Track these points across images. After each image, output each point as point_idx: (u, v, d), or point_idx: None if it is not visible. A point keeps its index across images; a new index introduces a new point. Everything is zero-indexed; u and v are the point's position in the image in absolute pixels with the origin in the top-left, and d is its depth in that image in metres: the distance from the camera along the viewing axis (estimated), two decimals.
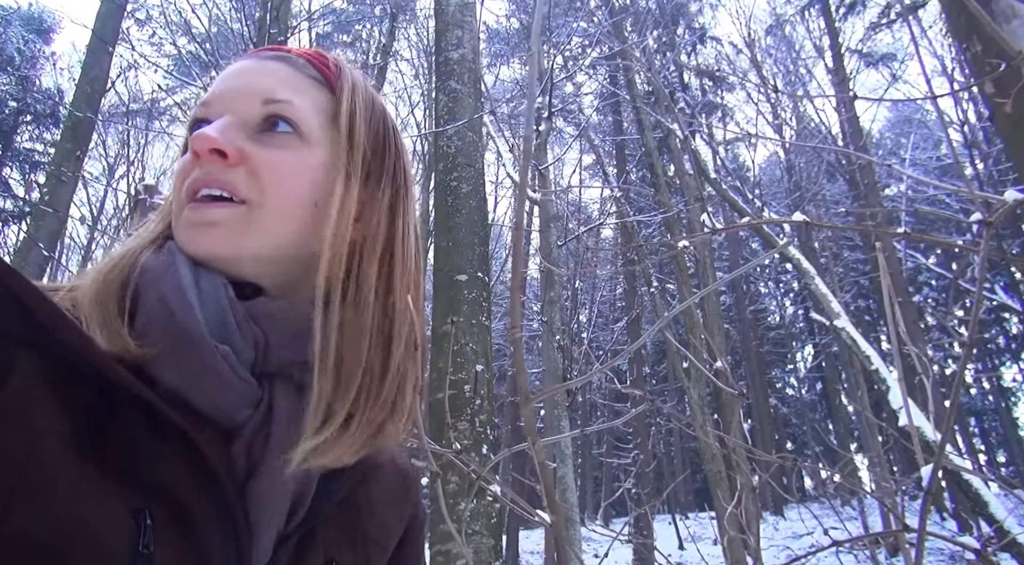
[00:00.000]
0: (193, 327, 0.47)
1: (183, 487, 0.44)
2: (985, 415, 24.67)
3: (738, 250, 18.43)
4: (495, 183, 16.54)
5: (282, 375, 0.52)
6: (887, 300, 1.02)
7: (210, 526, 0.44)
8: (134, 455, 0.42)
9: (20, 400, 0.38)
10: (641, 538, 7.08)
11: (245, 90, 0.56)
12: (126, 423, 0.43)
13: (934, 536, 1.00)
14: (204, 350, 0.47)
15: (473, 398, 3.78)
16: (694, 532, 15.10)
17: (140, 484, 0.42)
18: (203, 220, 0.51)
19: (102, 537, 0.38)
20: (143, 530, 0.40)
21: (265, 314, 0.52)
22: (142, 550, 0.39)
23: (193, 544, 0.43)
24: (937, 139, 17.08)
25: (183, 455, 0.44)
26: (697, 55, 14.33)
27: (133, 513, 0.40)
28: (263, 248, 0.53)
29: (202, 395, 0.47)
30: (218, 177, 0.52)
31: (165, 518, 0.42)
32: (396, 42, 13.81)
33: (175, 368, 0.47)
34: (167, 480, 0.43)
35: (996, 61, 1.74)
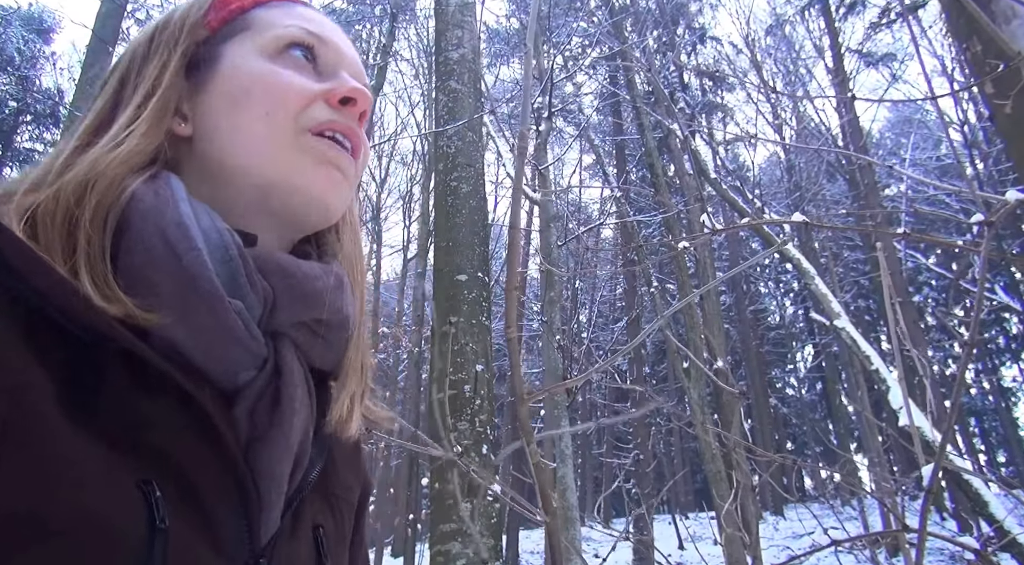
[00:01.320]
0: (204, 275, 0.42)
1: (187, 453, 0.39)
2: (985, 415, 24.67)
3: (738, 250, 18.43)
4: (495, 183, 16.57)
5: (287, 335, 0.49)
6: (887, 300, 1.02)
7: (218, 496, 0.40)
8: (129, 419, 0.37)
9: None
10: (641, 538, 7.08)
11: (355, 63, 0.57)
12: (117, 382, 0.37)
13: (934, 536, 1.00)
14: (216, 303, 0.42)
15: (473, 398, 3.78)
16: (694, 532, 15.10)
17: (139, 451, 0.36)
18: (337, 164, 0.51)
19: (111, 516, 0.33)
20: (155, 503, 0.35)
21: (276, 267, 0.48)
22: (159, 525, 0.34)
23: (202, 516, 0.38)
24: (937, 139, 17.08)
25: (184, 418, 0.39)
26: (697, 55, 14.33)
27: (139, 484, 0.35)
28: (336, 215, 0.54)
29: (206, 353, 0.42)
30: (356, 132, 0.53)
31: (171, 489, 0.37)
32: (396, 42, 13.81)
33: (178, 321, 0.41)
34: (168, 446, 0.38)
35: (996, 61, 1.74)
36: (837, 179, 15.42)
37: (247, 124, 0.50)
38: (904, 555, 1.02)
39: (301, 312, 0.49)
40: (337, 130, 0.52)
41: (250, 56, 0.52)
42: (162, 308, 0.40)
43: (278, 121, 0.50)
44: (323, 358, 0.52)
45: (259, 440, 0.44)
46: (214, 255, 0.44)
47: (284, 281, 0.48)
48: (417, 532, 15.05)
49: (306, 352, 0.50)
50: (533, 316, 15.77)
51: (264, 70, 0.51)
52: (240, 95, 0.50)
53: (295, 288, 0.48)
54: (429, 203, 14.24)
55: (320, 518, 0.51)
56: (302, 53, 0.53)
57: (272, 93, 0.50)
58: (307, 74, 0.53)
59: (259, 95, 0.50)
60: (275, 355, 0.47)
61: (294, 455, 0.46)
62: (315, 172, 0.50)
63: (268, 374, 0.46)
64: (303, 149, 0.50)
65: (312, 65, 0.54)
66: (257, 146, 0.49)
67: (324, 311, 0.50)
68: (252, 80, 0.51)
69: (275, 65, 0.52)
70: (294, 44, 0.53)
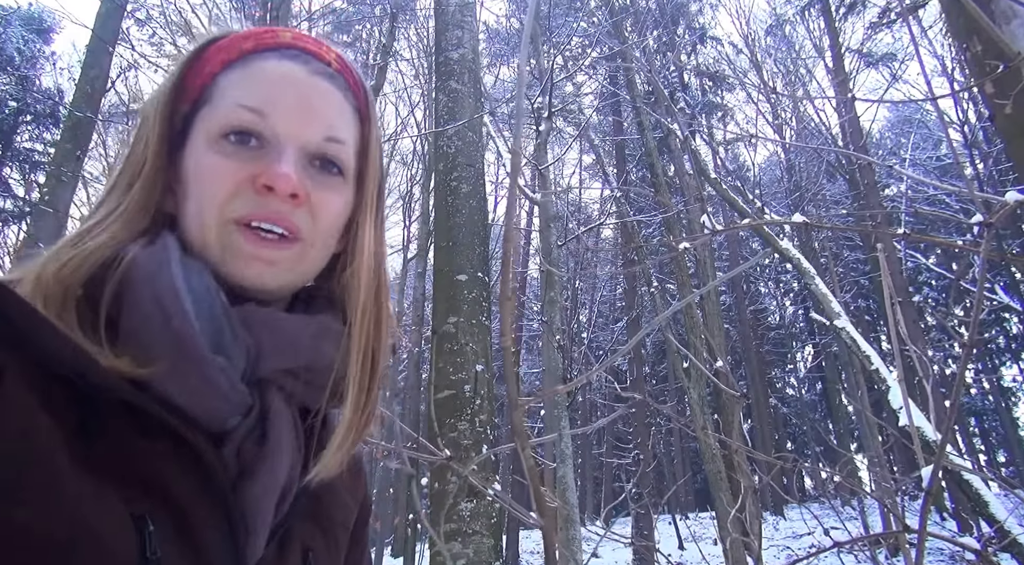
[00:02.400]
0: (190, 335, 0.46)
1: (180, 489, 0.43)
2: (985, 415, 24.67)
3: (738, 250, 18.43)
4: (495, 183, 16.58)
5: (272, 382, 0.53)
6: (887, 300, 1.02)
7: (208, 528, 0.44)
8: (127, 458, 0.42)
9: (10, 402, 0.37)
10: (641, 538, 7.07)
11: (308, 117, 0.55)
12: (116, 427, 0.42)
13: (934, 536, 1.00)
14: (202, 362, 0.47)
15: (473, 398, 3.78)
16: (694, 532, 15.10)
17: (136, 487, 0.41)
18: (265, 258, 0.52)
19: (108, 542, 0.37)
20: (147, 535, 0.39)
21: (259, 322, 0.52)
22: (149, 556, 0.39)
23: (193, 547, 0.43)
24: (937, 139, 17.08)
25: (178, 456, 0.44)
26: (697, 55, 14.33)
27: (134, 518, 0.39)
28: (300, 280, 0.57)
29: (194, 403, 0.47)
30: (286, 218, 0.53)
31: (165, 521, 0.41)
32: (396, 42, 13.81)
33: (168, 376, 0.46)
34: (163, 482, 0.43)
35: (996, 61, 1.74)
36: (837, 179, 15.42)
37: (189, 212, 0.53)
38: (904, 555, 1.02)
39: (283, 361, 0.53)
40: (261, 219, 0.52)
41: (199, 141, 0.54)
42: (155, 364, 0.45)
43: (207, 213, 0.52)
44: (309, 399, 0.56)
45: (248, 476, 0.49)
46: (201, 314, 0.48)
47: (268, 335, 0.52)
48: (417, 532, 15.05)
49: (293, 395, 0.54)
50: (533, 316, 15.77)
51: (200, 162, 0.53)
52: (186, 184, 0.54)
53: (277, 340, 0.52)
54: (429, 203, 14.23)
55: (310, 541, 0.56)
56: (235, 138, 0.53)
57: (201, 186, 0.53)
58: (245, 156, 0.53)
59: (195, 187, 0.53)
60: (261, 400, 0.52)
61: (280, 488, 0.51)
62: (240, 264, 0.52)
63: (254, 418, 0.51)
64: (224, 244, 0.52)
65: (254, 144, 0.54)
66: (196, 233, 0.52)
67: (304, 359, 0.54)
68: (192, 172, 0.53)
69: (212, 153, 0.53)
70: (228, 132, 0.53)
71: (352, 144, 0.59)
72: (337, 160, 0.57)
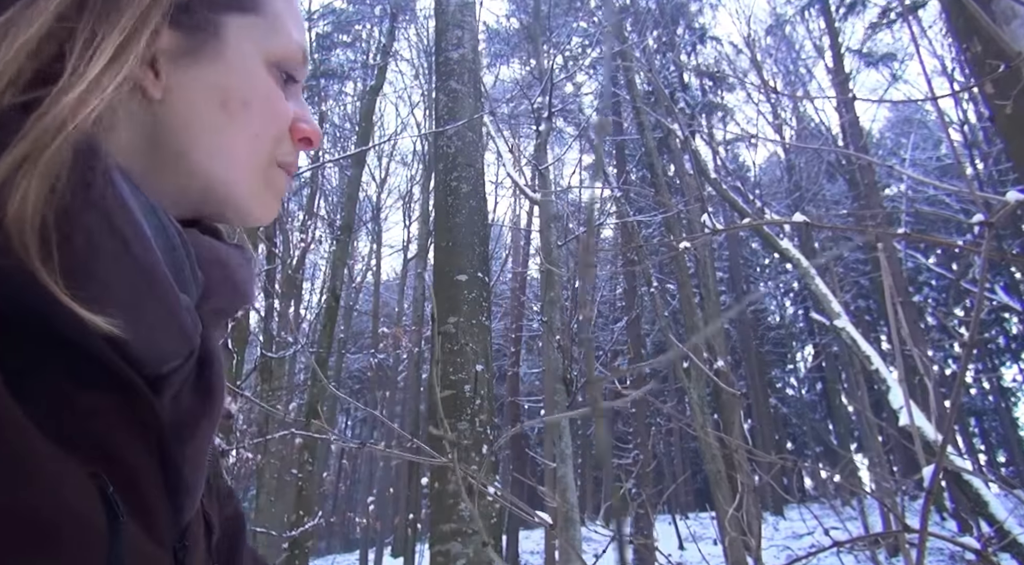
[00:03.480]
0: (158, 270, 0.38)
1: (126, 444, 0.36)
2: (985, 415, 24.68)
3: (738, 250, 18.43)
4: (495, 183, 16.58)
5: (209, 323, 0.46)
6: (888, 300, 1.02)
7: (151, 482, 0.38)
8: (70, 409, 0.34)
9: None
10: (642, 538, 7.07)
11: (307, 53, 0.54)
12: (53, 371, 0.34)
13: (935, 536, 1.00)
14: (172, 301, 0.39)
15: (473, 398, 3.78)
16: (694, 532, 15.10)
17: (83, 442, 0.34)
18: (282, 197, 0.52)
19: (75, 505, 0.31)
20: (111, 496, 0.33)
21: (213, 258, 0.46)
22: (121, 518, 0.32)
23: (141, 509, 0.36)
24: (937, 139, 17.09)
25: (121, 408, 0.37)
26: (697, 55, 14.34)
27: (92, 475, 0.33)
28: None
29: (147, 345, 0.38)
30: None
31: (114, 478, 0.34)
32: (396, 42, 13.81)
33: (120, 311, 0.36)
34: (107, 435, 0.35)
35: (996, 61, 1.74)
36: (837, 179, 15.43)
37: (231, 137, 0.46)
38: (904, 555, 1.02)
39: (229, 303, 0.48)
40: (290, 167, 0.51)
41: (256, 58, 0.48)
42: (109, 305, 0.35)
43: (262, 147, 0.48)
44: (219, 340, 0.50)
45: (184, 426, 0.43)
46: (160, 243, 0.40)
47: (220, 271, 0.46)
48: (417, 532, 15.05)
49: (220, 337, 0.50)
50: (533, 316, 15.76)
51: (267, 86, 0.48)
52: (236, 102, 0.46)
53: (228, 279, 0.47)
54: (429, 203, 14.24)
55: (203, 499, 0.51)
56: (285, 77, 0.50)
57: (267, 116, 0.48)
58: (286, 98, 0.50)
59: (256, 112, 0.47)
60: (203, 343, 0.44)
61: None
62: (269, 203, 0.50)
63: (193, 363, 0.44)
64: (269, 182, 0.50)
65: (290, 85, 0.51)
66: (232, 162, 0.47)
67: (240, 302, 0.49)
68: (253, 92, 0.47)
69: (270, 79, 0.49)
70: (283, 67, 0.50)
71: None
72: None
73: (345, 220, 9.97)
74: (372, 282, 18.60)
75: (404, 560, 14.87)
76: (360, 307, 19.14)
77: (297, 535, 7.28)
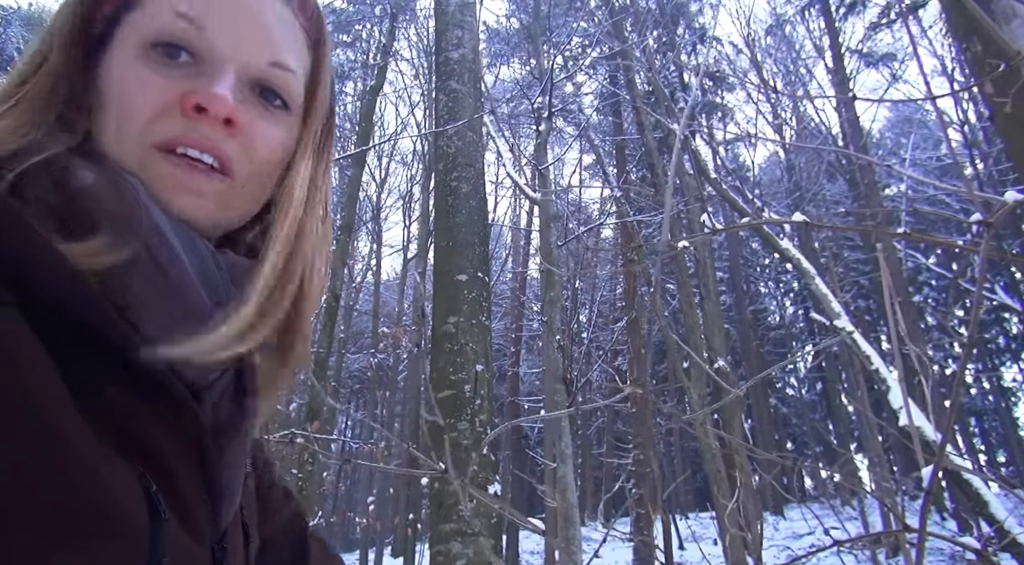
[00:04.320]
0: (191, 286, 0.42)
1: (169, 450, 0.39)
2: (985, 415, 24.68)
3: (738, 250, 18.43)
4: (495, 183, 16.58)
5: None
6: (887, 300, 1.02)
7: (193, 492, 0.40)
8: (118, 414, 0.37)
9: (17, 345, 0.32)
10: (641, 537, 7.08)
11: (253, 36, 0.48)
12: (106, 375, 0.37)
13: (935, 536, 1.00)
14: (204, 316, 0.42)
15: (473, 398, 3.78)
16: (694, 532, 15.10)
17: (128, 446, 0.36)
18: (190, 188, 0.45)
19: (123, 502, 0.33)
20: (154, 494, 0.36)
21: (241, 272, 0.47)
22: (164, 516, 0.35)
23: (181, 513, 0.39)
24: (937, 139, 17.10)
25: (166, 415, 0.39)
26: (697, 55, 14.33)
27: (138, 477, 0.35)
28: (234, 221, 0.50)
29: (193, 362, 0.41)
30: (217, 146, 0.46)
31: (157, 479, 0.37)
32: (396, 42, 13.81)
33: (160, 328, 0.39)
34: (153, 439, 0.38)
35: (996, 61, 1.74)
36: (837, 179, 15.43)
37: (108, 128, 0.45)
38: (904, 555, 1.02)
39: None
40: (188, 145, 0.45)
41: (124, 49, 0.46)
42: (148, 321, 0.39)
43: (127, 132, 0.45)
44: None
45: (223, 434, 0.45)
46: (191, 261, 0.43)
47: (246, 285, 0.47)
48: (417, 532, 15.05)
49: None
50: (533, 316, 15.76)
51: (123, 73, 0.45)
52: (105, 97, 0.46)
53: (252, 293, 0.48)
54: (429, 203, 14.23)
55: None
56: (165, 51, 0.46)
57: (122, 100, 0.45)
58: (176, 73, 0.46)
59: (114, 101, 0.45)
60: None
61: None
62: (168, 193, 0.45)
63: (231, 374, 0.47)
64: (147, 171, 0.45)
65: (185, 60, 0.46)
66: (115, 154, 0.45)
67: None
68: (113, 83, 0.46)
69: (137, 64, 0.45)
70: (158, 42, 0.46)
71: (302, 75, 0.52)
72: (282, 90, 0.50)
73: (345, 220, 9.96)
74: (372, 282, 18.60)
75: (404, 560, 14.87)
76: (360, 307, 19.15)
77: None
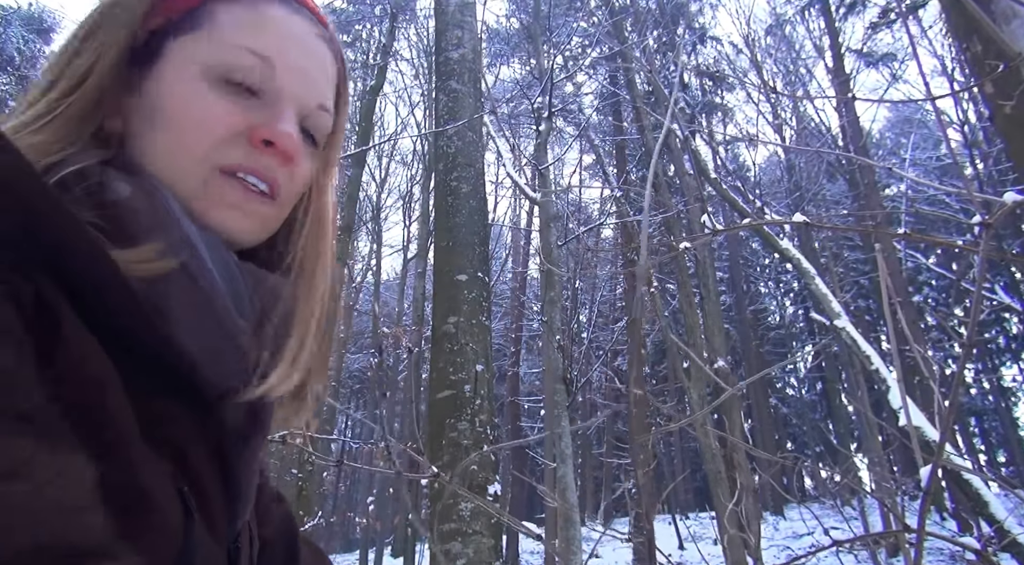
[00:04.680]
0: (219, 298, 0.44)
1: (195, 452, 0.41)
2: (985, 415, 24.67)
3: (738, 250, 18.43)
4: (495, 183, 16.58)
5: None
6: (887, 300, 1.02)
7: (216, 491, 0.43)
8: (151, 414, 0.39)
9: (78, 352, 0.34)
10: (641, 537, 7.06)
11: (310, 80, 0.53)
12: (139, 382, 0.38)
13: (934, 536, 1.00)
14: (235, 332, 0.44)
15: (473, 398, 3.78)
16: (694, 531, 15.10)
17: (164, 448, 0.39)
18: (247, 211, 0.49)
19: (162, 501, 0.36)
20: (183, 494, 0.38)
21: (268, 287, 0.49)
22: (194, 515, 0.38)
23: (206, 509, 0.41)
24: (937, 139, 17.10)
25: (195, 419, 0.42)
26: (697, 55, 14.33)
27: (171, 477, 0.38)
28: (259, 241, 0.53)
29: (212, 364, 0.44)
30: (275, 176, 0.50)
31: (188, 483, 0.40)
32: (396, 42, 13.82)
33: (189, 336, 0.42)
34: (179, 441, 0.40)
35: (996, 61, 1.74)
36: (837, 179, 15.43)
37: (157, 144, 0.47)
38: (904, 555, 1.02)
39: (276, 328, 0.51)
40: (249, 172, 0.49)
41: (187, 70, 0.48)
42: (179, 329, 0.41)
43: (189, 152, 0.47)
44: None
45: (240, 439, 0.48)
46: (221, 276, 0.45)
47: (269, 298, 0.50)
48: (417, 532, 15.04)
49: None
50: (533, 316, 15.76)
51: (191, 95, 0.48)
52: (161, 115, 0.48)
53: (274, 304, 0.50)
54: (429, 203, 14.24)
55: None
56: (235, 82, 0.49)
57: (186, 122, 0.47)
58: (242, 104, 0.49)
59: (179, 121, 0.47)
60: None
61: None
62: (222, 213, 0.48)
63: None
64: (212, 192, 0.48)
65: (249, 94, 0.50)
66: (165, 169, 0.47)
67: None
68: (176, 103, 0.48)
69: (208, 90, 0.48)
70: (230, 73, 0.49)
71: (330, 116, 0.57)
72: (321, 130, 0.55)
73: (345, 220, 9.96)
74: (372, 282, 18.59)
75: (404, 560, 14.87)
76: (360, 307, 19.14)
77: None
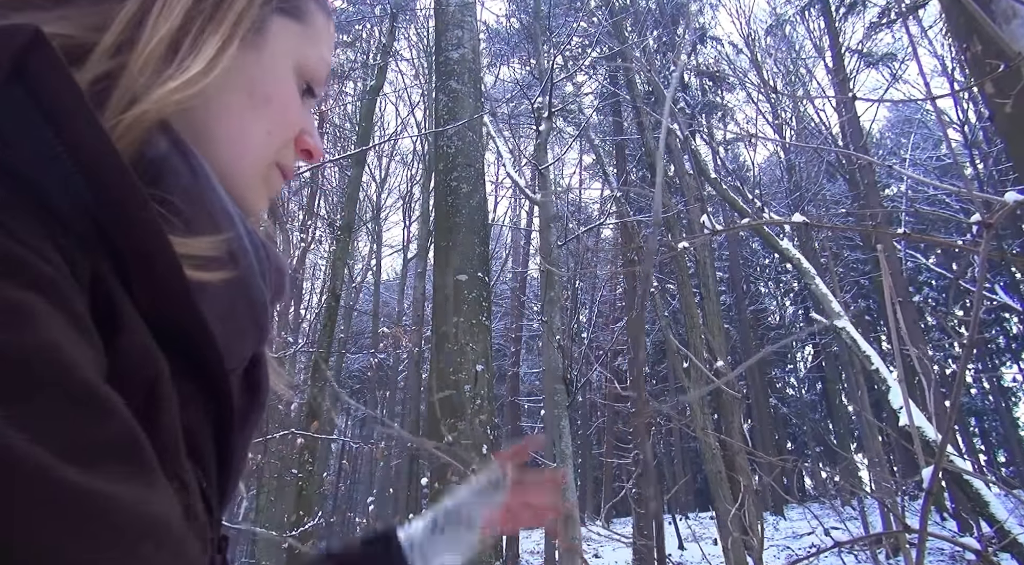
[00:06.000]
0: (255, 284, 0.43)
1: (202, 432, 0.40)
2: (985, 415, 24.66)
3: (738, 250, 18.44)
4: (495, 183, 16.59)
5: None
6: (887, 300, 1.02)
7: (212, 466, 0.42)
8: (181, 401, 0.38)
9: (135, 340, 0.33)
10: (642, 538, 7.07)
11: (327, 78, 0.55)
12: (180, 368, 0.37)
13: (935, 536, 1.00)
14: (260, 311, 0.44)
15: (473, 398, 3.78)
16: (695, 532, 15.10)
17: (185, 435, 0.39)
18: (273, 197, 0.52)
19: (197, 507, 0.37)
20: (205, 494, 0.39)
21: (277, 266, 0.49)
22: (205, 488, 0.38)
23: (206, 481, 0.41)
24: (937, 139, 17.09)
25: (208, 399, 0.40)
26: (697, 55, 14.33)
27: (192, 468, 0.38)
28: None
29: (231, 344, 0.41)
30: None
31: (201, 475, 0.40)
32: (396, 42, 13.81)
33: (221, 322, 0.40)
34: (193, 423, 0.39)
35: (996, 61, 1.74)
36: (837, 179, 15.43)
37: (248, 125, 0.46)
38: (904, 555, 1.01)
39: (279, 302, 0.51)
40: (286, 174, 0.52)
41: (287, 61, 0.49)
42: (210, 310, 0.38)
43: (271, 144, 0.48)
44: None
45: (241, 418, 0.46)
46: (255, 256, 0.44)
47: (276, 274, 0.48)
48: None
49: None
50: (533, 316, 15.76)
51: (289, 89, 0.49)
52: (260, 95, 0.47)
53: (281, 278, 0.50)
54: (429, 203, 14.23)
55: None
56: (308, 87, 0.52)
57: (282, 117, 0.48)
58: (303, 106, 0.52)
59: (274, 110, 0.48)
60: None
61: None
62: (262, 199, 0.50)
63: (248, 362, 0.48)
64: (267, 179, 0.50)
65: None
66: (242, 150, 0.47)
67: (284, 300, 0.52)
68: (277, 91, 0.48)
69: (293, 85, 0.50)
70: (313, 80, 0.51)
71: None
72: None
73: (345, 220, 9.96)
74: (372, 282, 18.59)
75: None
76: (360, 307, 19.14)
77: (297, 535, 7.28)
